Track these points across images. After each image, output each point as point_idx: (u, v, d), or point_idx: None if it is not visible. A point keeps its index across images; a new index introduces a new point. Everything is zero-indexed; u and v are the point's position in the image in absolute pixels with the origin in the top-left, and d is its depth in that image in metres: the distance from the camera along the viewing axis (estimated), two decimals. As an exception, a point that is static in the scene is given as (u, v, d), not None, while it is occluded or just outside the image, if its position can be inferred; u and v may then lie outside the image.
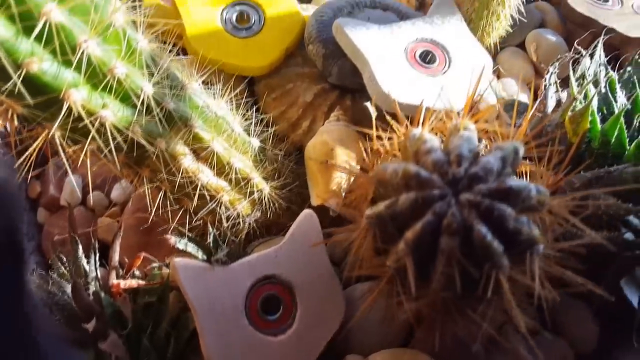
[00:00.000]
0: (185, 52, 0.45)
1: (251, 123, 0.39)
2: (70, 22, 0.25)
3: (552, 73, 0.38)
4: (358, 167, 0.37)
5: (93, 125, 0.28)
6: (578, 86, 0.35)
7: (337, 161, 0.38)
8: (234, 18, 0.43)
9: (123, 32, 0.28)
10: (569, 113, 0.32)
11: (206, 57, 0.42)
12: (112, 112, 0.29)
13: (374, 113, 0.41)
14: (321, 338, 0.34)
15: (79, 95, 0.26)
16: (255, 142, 0.38)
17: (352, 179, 0.36)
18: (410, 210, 0.22)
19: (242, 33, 0.43)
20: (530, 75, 0.47)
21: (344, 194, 0.37)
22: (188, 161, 0.34)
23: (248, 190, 0.37)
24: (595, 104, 0.34)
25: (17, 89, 0.24)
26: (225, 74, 0.42)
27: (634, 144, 0.32)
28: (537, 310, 0.27)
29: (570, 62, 0.38)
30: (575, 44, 0.44)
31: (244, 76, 0.43)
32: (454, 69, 0.40)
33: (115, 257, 0.35)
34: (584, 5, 0.47)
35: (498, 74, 0.47)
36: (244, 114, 0.39)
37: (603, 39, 0.42)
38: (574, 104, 0.33)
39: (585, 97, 0.33)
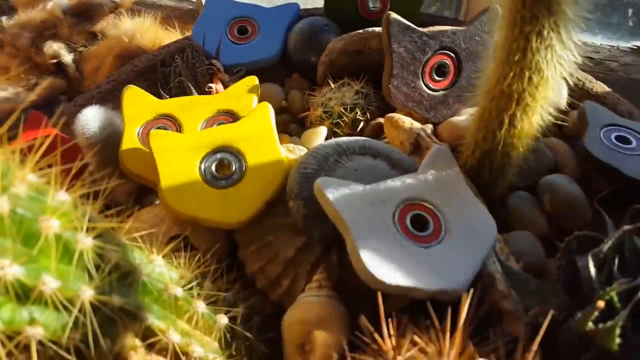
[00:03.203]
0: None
1: (221, 294, 0.34)
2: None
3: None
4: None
5: (18, 345, 0.24)
6: (597, 277, 0.30)
7: (316, 347, 0.33)
8: (213, 167, 0.41)
9: (56, 239, 0.25)
10: (590, 324, 0.27)
11: (180, 212, 0.39)
12: (43, 327, 0.25)
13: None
14: None
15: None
16: (223, 321, 0.34)
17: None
18: None
19: (222, 183, 0.40)
20: (543, 225, 0.41)
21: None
22: (138, 357, 0.30)
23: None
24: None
25: None
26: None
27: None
28: None
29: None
30: (595, 203, 0.39)
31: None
32: (450, 237, 0.35)
33: None
34: (603, 150, 0.42)
35: (508, 225, 0.42)
36: (215, 278, 0.35)
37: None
38: (594, 313, 0.27)
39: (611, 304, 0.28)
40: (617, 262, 0.31)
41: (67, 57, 0.71)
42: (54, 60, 0.71)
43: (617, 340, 0.26)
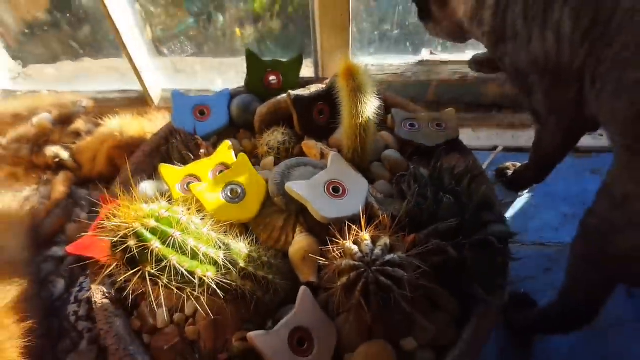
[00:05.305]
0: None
1: (259, 250, 0.73)
2: (203, 248, 0.59)
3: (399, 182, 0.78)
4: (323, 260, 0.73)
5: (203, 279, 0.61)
6: (409, 190, 0.75)
7: (310, 258, 0.74)
8: (229, 194, 0.78)
9: (215, 238, 0.62)
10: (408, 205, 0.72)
11: (221, 219, 0.77)
12: (212, 273, 0.62)
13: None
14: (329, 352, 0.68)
15: (203, 270, 0.60)
16: (264, 259, 0.73)
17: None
18: (356, 279, 0.59)
19: (236, 200, 0.78)
20: (388, 175, 0.87)
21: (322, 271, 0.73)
22: (245, 286, 0.68)
23: (270, 285, 0.72)
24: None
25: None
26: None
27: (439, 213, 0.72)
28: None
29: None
30: (407, 159, 0.85)
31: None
32: (350, 193, 0.78)
33: None
34: (405, 133, 0.89)
35: (373, 179, 0.87)
36: (252, 245, 0.74)
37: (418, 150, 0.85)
38: (408, 205, 0.72)
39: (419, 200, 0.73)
40: (415, 182, 0.78)
41: (65, 155, 0.99)
42: (57, 160, 0.98)
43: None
